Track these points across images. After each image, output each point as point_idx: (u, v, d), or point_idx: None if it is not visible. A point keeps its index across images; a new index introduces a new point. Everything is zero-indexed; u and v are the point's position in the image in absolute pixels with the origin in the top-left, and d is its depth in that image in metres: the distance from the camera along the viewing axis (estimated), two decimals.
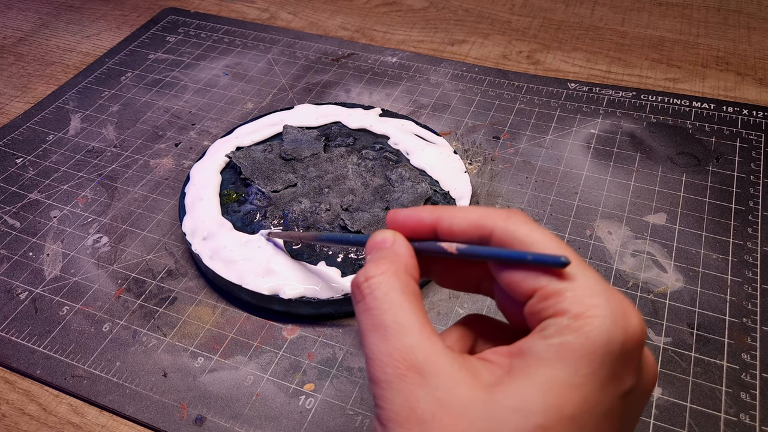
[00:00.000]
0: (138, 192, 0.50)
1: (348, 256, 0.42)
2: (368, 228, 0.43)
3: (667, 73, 0.60)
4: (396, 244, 0.25)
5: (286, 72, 0.62)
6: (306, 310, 0.40)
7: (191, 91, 0.61)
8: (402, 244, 0.25)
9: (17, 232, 0.48)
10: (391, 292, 0.23)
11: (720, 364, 0.37)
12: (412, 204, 0.44)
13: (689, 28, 0.66)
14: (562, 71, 0.61)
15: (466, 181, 0.46)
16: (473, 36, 0.67)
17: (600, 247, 0.44)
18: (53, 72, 0.65)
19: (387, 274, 0.23)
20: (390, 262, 0.24)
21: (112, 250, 0.46)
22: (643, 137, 0.52)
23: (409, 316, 0.22)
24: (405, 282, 0.23)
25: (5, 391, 0.39)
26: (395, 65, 0.62)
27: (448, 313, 0.41)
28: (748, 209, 0.46)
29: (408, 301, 0.23)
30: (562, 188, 0.49)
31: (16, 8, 0.76)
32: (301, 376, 0.38)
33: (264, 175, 0.47)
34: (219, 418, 0.36)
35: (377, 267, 0.24)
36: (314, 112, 0.54)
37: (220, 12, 0.73)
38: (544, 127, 0.54)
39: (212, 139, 0.55)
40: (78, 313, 0.42)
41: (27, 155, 0.54)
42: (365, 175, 0.47)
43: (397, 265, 0.24)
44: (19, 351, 0.40)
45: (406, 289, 0.23)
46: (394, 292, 0.23)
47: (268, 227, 0.44)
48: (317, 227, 0.44)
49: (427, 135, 0.51)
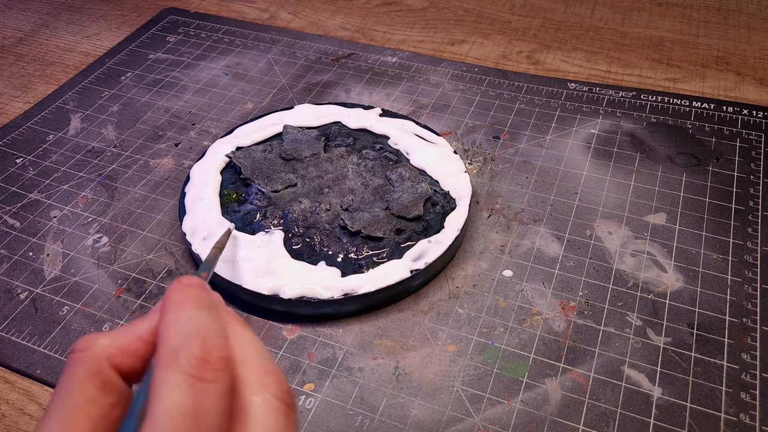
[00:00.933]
0: (138, 192, 0.50)
1: (348, 256, 0.42)
2: (368, 228, 0.43)
3: (667, 73, 0.60)
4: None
5: (286, 72, 0.62)
6: (306, 310, 0.40)
7: (191, 91, 0.61)
8: None
9: (17, 232, 0.48)
10: None
11: (720, 364, 0.37)
12: (412, 204, 0.44)
13: (689, 28, 0.66)
14: (562, 71, 0.61)
15: (466, 181, 0.46)
16: (473, 36, 0.67)
17: (600, 247, 0.44)
18: (53, 72, 0.65)
19: None
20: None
21: (112, 250, 0.46)
22: (643, 137, 0.52)
23: None
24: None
25: (5, 391, 0.39)
26: (395, 65, 0.62)
27: (448, 313, 0.41)
28: (748, 209, 0.46)
29: None
30: (562, 188, 0.49)
31: (16, 8, 0.76)
32: (301, 376, 0.38)
33: (264, 175, 0.47)
34: None
35: None
36: (314, 112, 0.54)
37: (220, 12, 0.73)
38: (544, 127, 0.54)
39: (212, 139, 0.55)
40: (78, 313, 0.42)
41: (27, 155, 0.54)
42: (365, 175, 0.47)
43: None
44: (19, 351, 0.40)
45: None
46: None
47: (268, 227, 0.44)
48: (317, 227, 0.44)
49: (427, 135, 0.51)
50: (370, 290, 0.40)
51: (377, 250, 0.42)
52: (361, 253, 0.42)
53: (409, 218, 0.44)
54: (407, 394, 0.37)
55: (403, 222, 0.44)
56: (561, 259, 0.43)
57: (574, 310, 0.40)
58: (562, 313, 0.40)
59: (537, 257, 0.44)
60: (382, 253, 0.42)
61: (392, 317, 0.41)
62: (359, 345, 0.39)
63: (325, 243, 0.43)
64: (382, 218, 0.44)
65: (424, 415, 0.36)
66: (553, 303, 0.41)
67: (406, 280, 0.40)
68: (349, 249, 0.42)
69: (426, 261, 0.41)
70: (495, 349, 0.38)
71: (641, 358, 0.38)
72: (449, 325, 0.40)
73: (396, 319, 0.41)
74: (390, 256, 0.42)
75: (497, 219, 0.46)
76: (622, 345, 0.38)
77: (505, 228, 0.46)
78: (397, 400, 0.36)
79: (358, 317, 0.41)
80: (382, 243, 0.43)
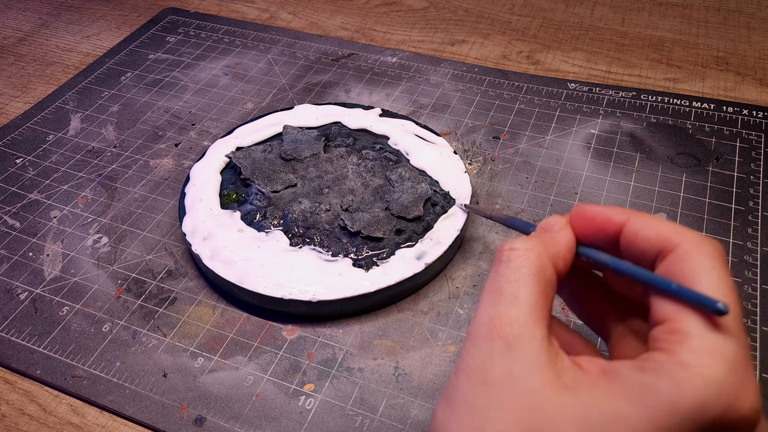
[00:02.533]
0: (138, 192, 0.50)
1: (348, 256, 0.42)
2: (368, 228, 0.43)
3: (667, 73, 0.60)
4: (560, 232, 0.25)
5: (286, 72, 0.62)
6: (306, 310, 0.40)
7: (191, 92, 0.61)
8: (566, 234, 0.25)
9: (17, 233, 0.48)
10: (524, 268, 0.23)
11: None
12: (412, 204, 0.44)
13: (689, 28, 0.66)
14: (562, 71, 0.61)
15: (466, 182, 0.46)
16: (473, 36, 0.67)
17: None
18: (53, 72, 0.65)
19: (530, 252, 0.23)
20: (541, 243, 0.24)
21: (112, 251, 0.46)
22: (643, 137, 0.52)
23: (528, 296, 0.22)
24: (543, 266, 0.23)
25: (5, 391, 0.39)
26: (395, 65, 0.62)
27: (448, 313, 0.41)
28: (748, 209, 0.46)
29: (535, 282, 0.23)
30: (562, 188, 0.49)
31: (16, 8, 0.76)
32: (301, 377, 0.38)
33: (264, 175, 0.47)
34: (219, 418, 0.36)
35: (526, 242, 0.24)
36: (314, 112, 0.54)
37: (220, 12, 0.73)
38: (544, 127, 0.54)
39: (212, 139, 0.55)
40: (78, 313, 0.42)
41: (27, 155, 0.54)
42: (365, 175, 0.47)
43: (545, 249, 0.24)
44: (19, 351, 0.40)
45: (541, 272, 0.23)
46: (526, 268, 0.23)
47: (268, 228, 0.44)
48: (317, 227, 0.44)
49: (427, 135, 0.51)
50: (371, 290, 0.40)
51: (377, 250, 0.42)
52: (361, 253, 0.42)
53: (409, 218, 0.44)
54: (407, 394, 0.37)
55: (403, 222, 0.44)
56: None
57: None
58: (562, 313, 0.40)
59: None
60: (382, 253, 0.42)
61: (392, 318, 0.41)
62: (359, 345, 0.39)
63: (325, 243, 0.43)
64: (382, 218, 0.44)
65: (424, 416, 0.36)
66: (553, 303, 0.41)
67: (406, 280, 0.40)
68: (349, 249, 0.42)
69: (426, 261, 0.41)
70: None
71: None
72: (449, 326, 0.40)
73: (396, 319, 0.41)
74: (390, 256, 0.42)
75: None
76: None
77: (505, 228, 0.46)
78: (397, 400, 0.36)
79: (357, 318, 0.41)
80: (382, 243, 0.43)
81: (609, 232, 0.25)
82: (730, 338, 0.20)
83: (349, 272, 0.41)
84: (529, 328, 0.22)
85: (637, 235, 0.23)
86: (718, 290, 0.20)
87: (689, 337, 0.20)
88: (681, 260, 0.22)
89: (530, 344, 0.21)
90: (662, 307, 0.21)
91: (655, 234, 0.23)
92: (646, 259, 0.23)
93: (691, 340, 0.20)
